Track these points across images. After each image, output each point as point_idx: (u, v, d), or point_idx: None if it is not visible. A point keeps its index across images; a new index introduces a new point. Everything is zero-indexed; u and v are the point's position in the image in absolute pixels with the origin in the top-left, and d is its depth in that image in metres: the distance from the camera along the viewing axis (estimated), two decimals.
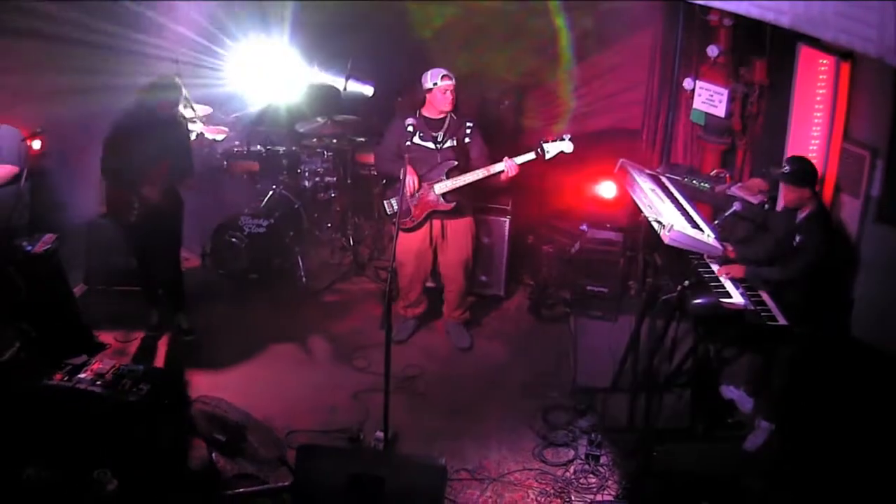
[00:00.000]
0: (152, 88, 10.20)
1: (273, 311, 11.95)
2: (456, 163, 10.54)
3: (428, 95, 10.54)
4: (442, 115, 10.58)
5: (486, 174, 10.41)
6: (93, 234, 11.77)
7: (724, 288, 8.75)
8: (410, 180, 10.33)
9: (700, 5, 10.19)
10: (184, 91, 10.63)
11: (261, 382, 10.40)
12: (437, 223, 10.76)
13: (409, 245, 10.77)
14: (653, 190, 9.78)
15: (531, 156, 10.34)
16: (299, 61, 13.71)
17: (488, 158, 10.53)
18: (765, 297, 8.73)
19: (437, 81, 10.41)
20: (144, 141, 10.10)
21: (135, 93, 10.31)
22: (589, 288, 11.66)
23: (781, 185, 8.85)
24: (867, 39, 6.97)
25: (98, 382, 8.59)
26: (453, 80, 10.44)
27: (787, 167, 8.74)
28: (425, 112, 10.63)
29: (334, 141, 13.11)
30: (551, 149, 10.31)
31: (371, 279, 12.92)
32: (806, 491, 8.28)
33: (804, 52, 9.64)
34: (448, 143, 10.57)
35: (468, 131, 10.61)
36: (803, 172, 8.66)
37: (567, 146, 10.30)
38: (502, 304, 12.32)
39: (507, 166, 10.31)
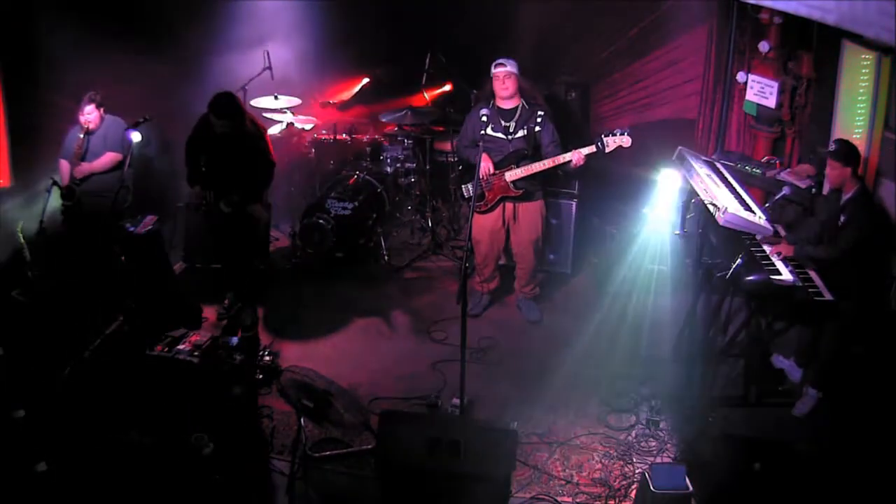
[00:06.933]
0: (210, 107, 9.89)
1: (357, 288, 12.00)
2: (526, 152, 10.56)
3: (492, 84, 10.60)
4: (514, 105, 10.60)
5: (554, 164, 10.41)
6: (190, 215, 11.86)
7: (775, 266, 8.81)
8: (484, 168, 10.37)
9: (752, 4, 10.23)
10: (242, 106, 10.17)
11: (346, 353, 10.52)
12: (509, 206, 10.78)
13: (483, 225, 10.79)
14: (708, 175, 9.79)
15: (592, 149, 10.29)
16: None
17: (559, 146, 10.53)
18: (812, 274, 8.79)
19: (493, 69, 10.48)
20: (208, 151, 10.15)
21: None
22: (650, 266, 11.65)
23: (827, 164, 8.83)
24: None
25: (195, 353, 8.84)
26: (507, 68, 10.41)
27: (833, 146, 8.80)
28: (498, 102, 10.64)
29: (414, 130, 13.24)
30: (610, 143, 10.26)
31: (448, 257, 12.98)
32: (850, 453, 8.28)
33: (848, 48, 9.57)
34: (519, 133, 10.57)
35: (539, 120, 10.58)
36: (847, 151, 8.68)
37: (625, 140, 10.25)
38: (569, 281, 12.33)
39: (574, 157, 10.30)
